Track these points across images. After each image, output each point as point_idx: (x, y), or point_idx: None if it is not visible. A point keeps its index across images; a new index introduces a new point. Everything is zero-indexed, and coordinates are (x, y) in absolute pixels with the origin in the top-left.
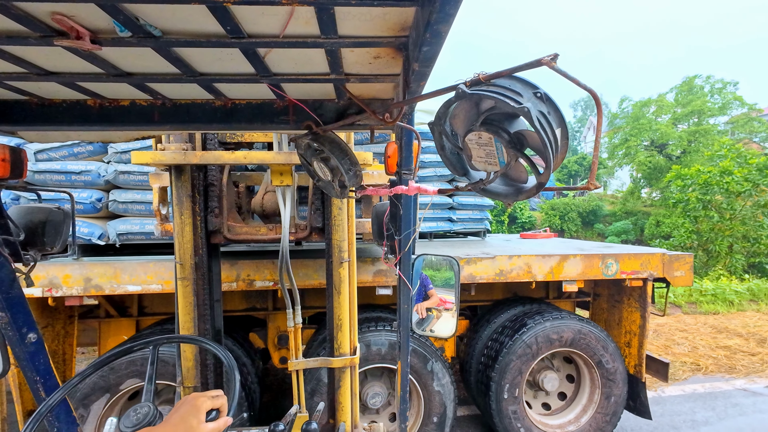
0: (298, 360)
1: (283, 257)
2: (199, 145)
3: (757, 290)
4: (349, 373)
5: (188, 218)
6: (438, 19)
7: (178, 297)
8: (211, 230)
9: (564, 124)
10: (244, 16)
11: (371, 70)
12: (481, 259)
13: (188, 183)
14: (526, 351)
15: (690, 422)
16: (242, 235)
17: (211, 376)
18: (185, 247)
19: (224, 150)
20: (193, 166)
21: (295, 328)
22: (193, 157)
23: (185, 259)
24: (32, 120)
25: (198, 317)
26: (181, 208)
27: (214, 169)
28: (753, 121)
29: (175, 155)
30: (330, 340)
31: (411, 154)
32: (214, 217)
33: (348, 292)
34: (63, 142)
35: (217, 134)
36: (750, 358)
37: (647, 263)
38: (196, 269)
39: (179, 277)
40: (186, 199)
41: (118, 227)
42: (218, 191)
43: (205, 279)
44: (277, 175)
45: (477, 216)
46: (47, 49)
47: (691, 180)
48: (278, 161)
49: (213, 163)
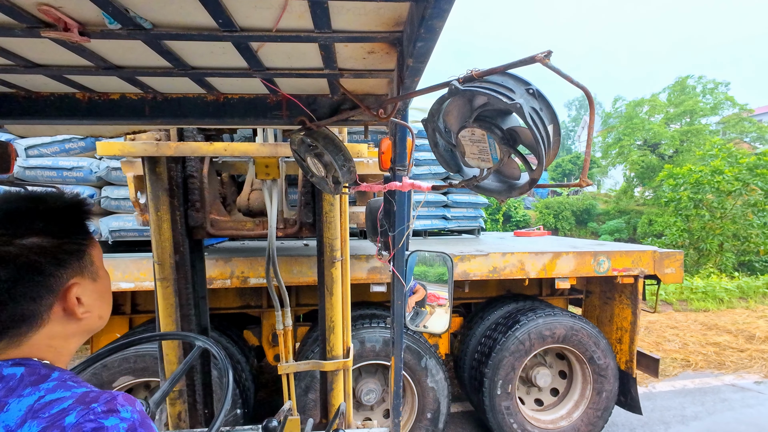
0: (288, 363)
1: (270, 257)
2: (175, 135)
3: (747, 288)
4: (342, 375)
5: (166, 214)
6: (432, 14)
7: (158, 298)
8: (193, 225)
9: (556, 120)
10: (237, 9)
11: (365, 65)
12: (475, 257)
13: (164, 175)
14: (519, 347)
15: (680, 417)
16: (227, 230)
17: (198, 377)
18: (164, 246)
19: (204, 138)
20: (169, 157)
21: (285, 331)
22: (167, 148)
23: (164, 259)
24: (19, 113)
25: (181, 318)
26: (158, 204)
27: (193, 158)
28: (744, 121)
29: (147, 147)
30: (322, 343)
31: (405, 150)
32: (195, 211)
33: (341, 292)
34: (53, 137)
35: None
36: (739, 354)
37: (638, 260)
38: (177, 268)
39: (158, 277)
40: (162, 194)
41: (111, 224)
42: (199, 183)
43: (188, 277)
44: (262, 168)
45: (471, 214)
46: (34, 41)
47: (682, 179)
48: (263, 153)
49: (190, 155)
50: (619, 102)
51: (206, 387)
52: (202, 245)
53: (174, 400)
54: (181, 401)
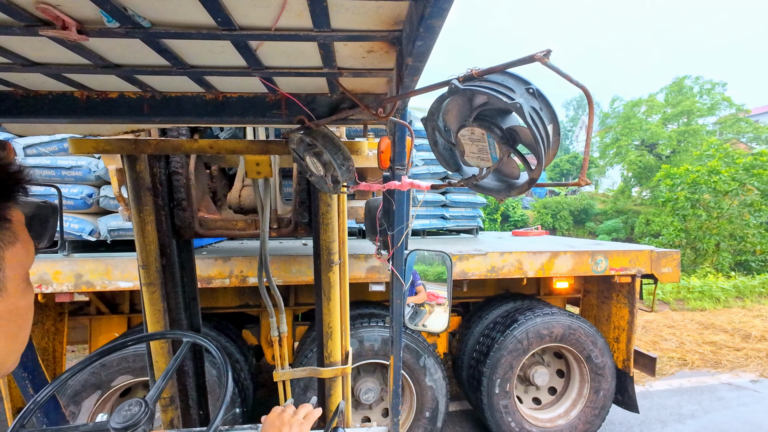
0: (284, 370)
1: (263, 262)
2: (156, 130)
3: (743, 287)
4: (341, 381)
5: (150, 215)
6: (432, 13)
7: (145, 304)
8: (180, 225)
9: (556, 120)
10: (236, 8)
11: (364, 64)
12: (473, 256)
13: (146, 173)
14: (517, 346)
15: (676, 415)
16: (217, 230)
17: (190, 380)
18: (148, 249)
19: (189, 133)
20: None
21: (280, 337)
22: (147, 146)
23: (149, 263)
24: (17, 112)
25: (170, 321)
26: (140, 204)
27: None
28: (740, 121)
29: (124, 144)
30: (319, 349)
31: (404, 150)
32: (182, 210)
33: (339, 297)
34: (52, 136)
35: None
36: (735, 353)
37: (636, 260)
38: (164, 271)
39: (144, 282)
40: (145, 193)
41: (109, 223)
42: (185, 180)
43: (176, 280)
44: (253, 166)
45: (469, 213)
46: (32, 39)
47: (680, 179)
48: (253, 151)
49: (172, 153)
50: (616, 102)
51: (200, 389)
52: (191, 245)
53: (166, 406)
54: (173, 407)
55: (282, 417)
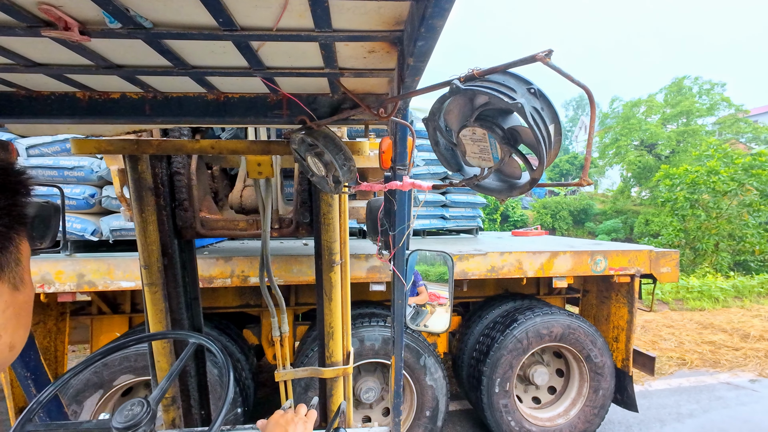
0: (285, 370)
1: (264, 263)
2: (158, 130)
3: (742, 287)
4: (342, 381)
5: (151, 215)
6: (433, 13)
7: (147, 304)
8: (181, 226)
9: (557, 120)
10: (237, 8)
11: (366, 64)
12: (473, 256)
13: (148, 173)
14: (516, 346)
15: (675, 415)
16: (218, 230)
17: (192, 380)
18: (150, 249)
19: (190, 134)
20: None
21: (281, 338)
22: (148, 146)
23: (151, 263)
24: (19, 112)
25: (172, 322)
26: (142, 204)
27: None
28: (739, 121)
29: (125, 144)
30: (320, 350)
31: (406, 150)
32: (184, 210)
33: (340, 297)
34: (54, 137)
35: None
36: (734, 353)
37: (635, 260)
38: (165, 271)
39: (146, 282)
40: (147, 193)
41: (112, 223)
42: (186, 180)
43: (178, 280)
44: (254, 167)
45: (469, 214)
46: (34, 40)
47: (679, 179)
48: (254, 151)
49: (173, 153)
50: (616, 102)
51: (201, 389)
52: (192, 245)
53: (167, 406)
54: (175, 407)
55: (286, 416)
